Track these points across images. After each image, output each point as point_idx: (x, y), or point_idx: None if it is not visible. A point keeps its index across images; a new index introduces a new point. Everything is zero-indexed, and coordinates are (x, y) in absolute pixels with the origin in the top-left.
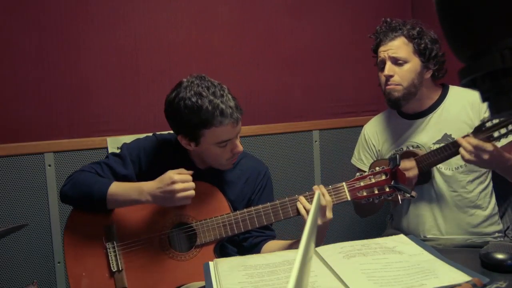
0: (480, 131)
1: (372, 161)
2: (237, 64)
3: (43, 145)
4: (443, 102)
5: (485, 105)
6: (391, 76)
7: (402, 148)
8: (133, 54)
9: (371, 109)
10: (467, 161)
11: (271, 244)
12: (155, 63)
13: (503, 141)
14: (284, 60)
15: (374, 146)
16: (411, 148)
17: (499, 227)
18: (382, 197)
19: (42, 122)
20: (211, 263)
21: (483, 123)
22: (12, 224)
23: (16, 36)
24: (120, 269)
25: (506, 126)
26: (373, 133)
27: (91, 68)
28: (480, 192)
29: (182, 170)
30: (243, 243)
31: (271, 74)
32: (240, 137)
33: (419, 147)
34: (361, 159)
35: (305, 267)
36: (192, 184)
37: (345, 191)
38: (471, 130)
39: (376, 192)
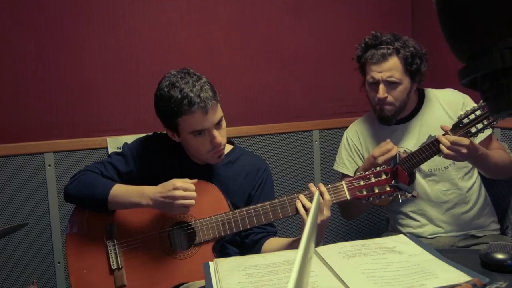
0: (458, 127)
1: (357, 166)
2: (237, 64)
3: (43, 145)
4: (422, 107)
5: (460, 103)
6: (386, 97)
7: None
8: (133, 54)
9: (370, 109)
10: (446, 156)
11: (272, 241)
12: (155, 63)
13: (482, 136)
14: (284, 60)
15: (357, 150)
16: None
17: (494, 218)
18: (383, 197)
19: (42, 122)
20: (211, 263)
21: (460, 120)
22: (12, 224)
23: (16, 36)
24: (120, 266)
25: (481, 121)
26: (356, 137)
27: (91, 68)
28: (470, 188)
29: (186, 179)
30: (244, 240)
31: (271, 74)
32: (241, 137)
33: (406, 152)
34: (344, 163)
35: (305, 267)
36: (193, 194)
37: (344, 190)
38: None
39: (377, 191)
